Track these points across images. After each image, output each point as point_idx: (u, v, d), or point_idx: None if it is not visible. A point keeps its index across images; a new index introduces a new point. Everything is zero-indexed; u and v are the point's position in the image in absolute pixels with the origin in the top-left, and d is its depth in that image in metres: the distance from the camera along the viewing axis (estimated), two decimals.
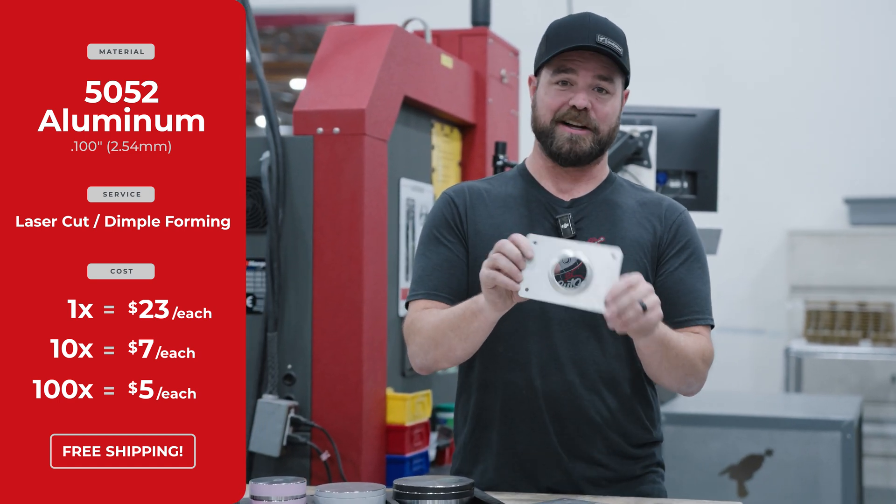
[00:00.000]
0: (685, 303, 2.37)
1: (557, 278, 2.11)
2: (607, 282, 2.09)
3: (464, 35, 3.92)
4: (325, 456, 3.10)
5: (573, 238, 2.35)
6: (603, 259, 2.09)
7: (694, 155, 3.74)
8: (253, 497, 2.19)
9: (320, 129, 3.15)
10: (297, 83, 10.68)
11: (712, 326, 2.41)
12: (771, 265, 7.29)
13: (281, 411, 3.09)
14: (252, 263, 3.20)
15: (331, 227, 3.15)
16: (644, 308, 2.09)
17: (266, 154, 3.16)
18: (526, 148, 4.50)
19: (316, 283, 3.15)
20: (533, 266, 2.09)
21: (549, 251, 2.10)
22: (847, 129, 7.25)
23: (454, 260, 2.40)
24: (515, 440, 2.39)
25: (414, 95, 3.41)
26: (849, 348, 6.43)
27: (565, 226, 2.37)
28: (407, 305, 2.43)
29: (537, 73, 2.40)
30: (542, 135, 2.38)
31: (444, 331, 2.30)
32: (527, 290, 2.10)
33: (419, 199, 3.53)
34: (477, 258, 2.36)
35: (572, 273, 2.18)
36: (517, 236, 2.12)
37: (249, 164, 3.17)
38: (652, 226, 2.40)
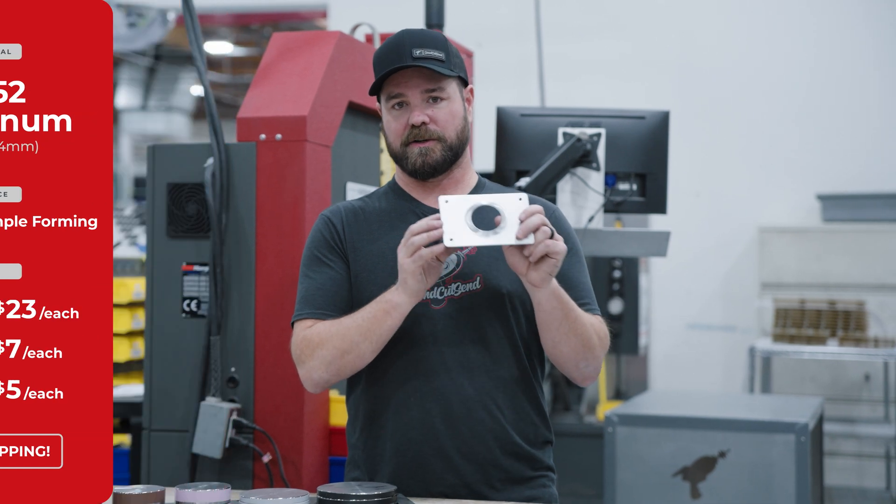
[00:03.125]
0: (575, 296, 2.43)
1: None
2: (519, 221, 2.28)
3: None
4: (266, 458, 3.13)
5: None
6: (512, 203, 2.27)
7: (643, 157, 3.73)
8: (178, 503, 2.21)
9: (263, 136, 3.17)
10: None
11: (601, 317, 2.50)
12: (742, 262, 7.29)
13: (223, 414, 3.13)
14: (196, 268, 3.23)
15: (273, 232, 3.17)
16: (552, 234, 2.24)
17: (210, 160, 3.18)
18: (477, 149, 4.52)
19: (259, 288, 3.18)
20: (450, 222, 2.25)
21: (462, 205, 2.27)
22: (820, 125, 7.24)
23: (337, 278, 2.47)
24: (407, 446, 2.44)
25: (360, 101, 3.43)
26: (815, 348, 6.35)
27: None
28: (292, 325, 2.49)
29: (378, 99, 2.51)
30: (397, 159, 2.48)
31: (352, 338, 2.36)
32: (451, 239, 2.25)
33: None
34: (357, 274, 2.46)
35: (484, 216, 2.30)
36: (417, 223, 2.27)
37: (194, 170, 3.20)
38: None
